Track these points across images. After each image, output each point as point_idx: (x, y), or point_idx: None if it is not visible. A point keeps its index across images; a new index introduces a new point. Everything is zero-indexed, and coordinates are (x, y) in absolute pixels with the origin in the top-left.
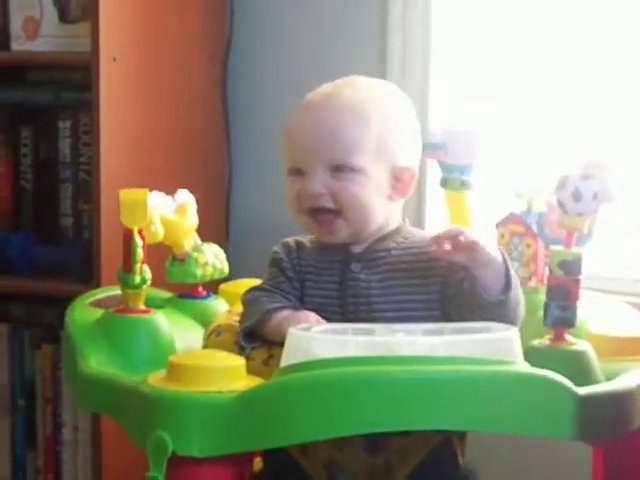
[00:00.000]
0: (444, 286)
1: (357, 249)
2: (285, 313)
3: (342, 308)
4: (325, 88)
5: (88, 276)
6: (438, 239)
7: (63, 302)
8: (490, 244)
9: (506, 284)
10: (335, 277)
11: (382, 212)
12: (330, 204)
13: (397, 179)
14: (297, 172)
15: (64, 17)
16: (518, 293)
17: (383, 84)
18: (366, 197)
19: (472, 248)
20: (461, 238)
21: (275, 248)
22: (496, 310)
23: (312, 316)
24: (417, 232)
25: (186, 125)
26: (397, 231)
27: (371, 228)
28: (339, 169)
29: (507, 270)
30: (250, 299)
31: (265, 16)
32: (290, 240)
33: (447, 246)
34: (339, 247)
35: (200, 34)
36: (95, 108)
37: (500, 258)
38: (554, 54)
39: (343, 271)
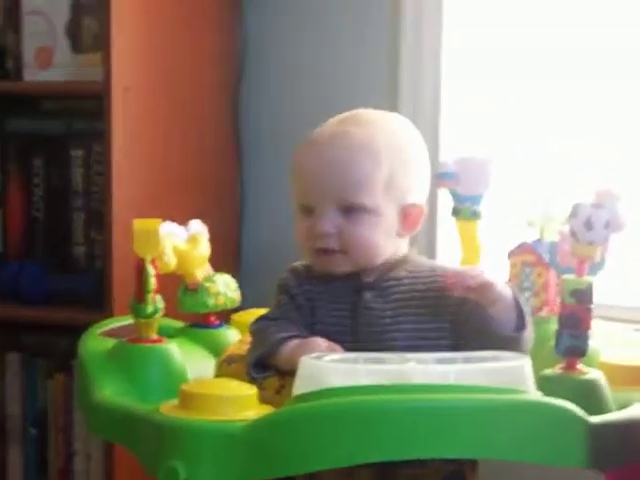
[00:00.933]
0: (455, 315)
1: (368, 278)
2: (295, 342)
3: (354, 336)
4: (332, 125)
5: (100, 305)
6: (449, 277)
7: (75, 331)
8: (500, 282)
9: (519, 322)
10: (347, 304)
11: (390, 247)
12: (336, 245)
13: (406, 216)
14: (307, 209)
15: (76, 47)
16: (530, 336)
17: (391, 117)
18: (374, 238)
19: (482, 288)
20: (470, 282)
21: (283, 275)
22: (507, 347)
23: (322, 342)
24: (426, 261)
25: (198, 154)
26: (405, 260)
27: (375, 263)
28: (350, 209)
29: (519, 309)
30: (258, 329)
31: (277, 43)
32: (298, 265)
33: (458, 289)
34: (350, 275)
35: (212, 62)
36: (107, 137)
37: (509, 295)
38: (565, 81)
39: (355, 299)
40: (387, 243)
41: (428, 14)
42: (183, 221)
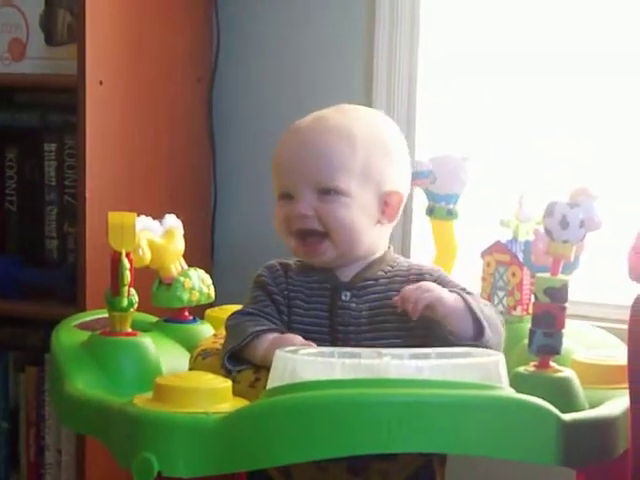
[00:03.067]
0: (425, 319)
1: (345, 277)
2: (271, 337)
3: (331, 335)
4: (314, 114)
5: (73, 299)
6: (396, 303)
7: (47, 325)
8: (447, 295)
9: (476, 330)
10: (324, 305)
11: (369, 236)
12: (317, 226)
13: (385, 203)
14: (286, 196)
15: (50, 39)
16: (496, 337)
17: (372, 111)
18: (352, 219)
19: (429, 308)
20: (410, 307)
21: (259, 271)
22: None
23: (298, 339)
24: (403, 260)
25: (172, 148)
26: (383, 259)
27: (358, 251)
28: (326, 192)
29: (474, 317)
30: (234, 323)
31: (251, 37)
32: (274, 262)
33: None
34: (327, 274)
35: (186, 56)
36: (81, 131)
37: (461, 306)
38: (540, 79)
39: (333, 299)
40: (367, 228)
41: (403, 11)
42: (156, 215)
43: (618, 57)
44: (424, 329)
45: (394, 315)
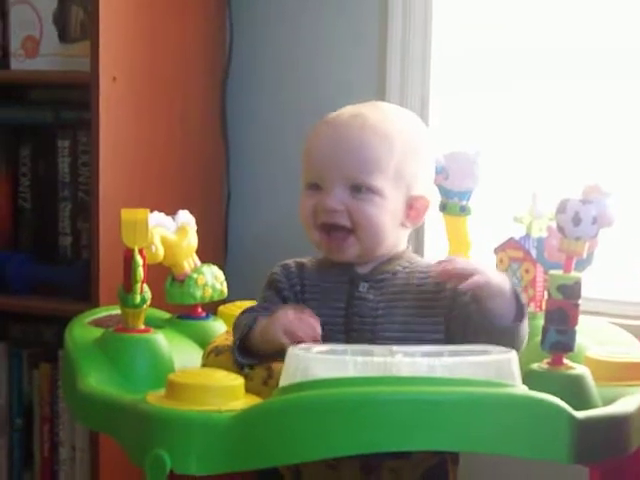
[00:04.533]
0: (449, 310)
1: (363, 270)
2: (266, 319)
3: (346, 326)
4: (350, 108)
5: (86, 295)
6: (447, 265)
7: (61, 321)
8: (499, 277)
9: (517, 313)
10: (342, 296)
11: (393, 236)
12: (345, 221)
13: (411, 207)
14: (314, 187)
15: (64, 36)
16: (526, 326)
17: (408, 113)
18: (381, 219)
19: (481, 286)
20: (471, 279)
21: (273, 269)
22: (505, 338)
23: (290, 313)
24: (421, 259)
25: (185, 144)
26: (402, 255)
27: (380, 250)
28: (358, 188)
29: (518, 300)
30: (238, 321)
31: (265, 32)
32: (290, 262)
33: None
34: (344, 268)
35: (200, 52)
36: (94, 127)
37: (508, 288)
38: (555, 78)
39: (350, 291)
40: (392, 230)
41: (417, 8)
42: (170, 212)
43: (630, 56)
44: (442, 323)
45: (411, 309)
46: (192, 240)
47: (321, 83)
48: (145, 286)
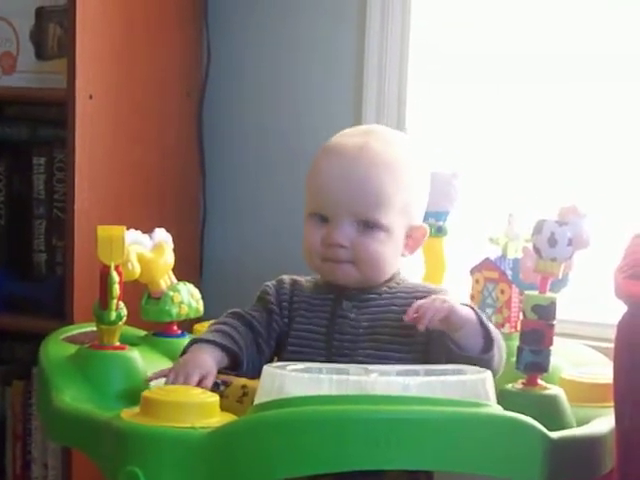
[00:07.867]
0: (427, 333)
1: (349, 289)
2: (189, 354)
3: (327, 343)
4: (354, 137)
5: (61, 312)
6: (411, 313)
7: (35, 338)
8: (461, 307)
9: (486, 344)
10: (326, 314)
11: (394, 267)
12: (348, 257)
13: (410, 237)
14: (321, 218)
15: (40, 53)
16: (500, 353)
17: (405, 139)
18: (385, 256)
19: (445, 320)
20: (431, 318)
21: (267, 282)
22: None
23: (192, 372)
24: (407, 279)
25: (162, 163)
26: (392, 278)
27: (379, 279)
28: (366, 224)
29: (485, 330)
30: (213, 323)
31: (242, 52)
32: (285, 277)
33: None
34: (333, 286)
35: (177, 71)
36: (70, 145)
37: (474, 319)
38: (532, 97)
39: (334, 308)
40: (393, 262)
41: (394, 24)
42: (146, 229)
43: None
44: (422, 344)
45: (393, 329)
46: (169, 258)
47: (298, 102)
48: (121, 303)
